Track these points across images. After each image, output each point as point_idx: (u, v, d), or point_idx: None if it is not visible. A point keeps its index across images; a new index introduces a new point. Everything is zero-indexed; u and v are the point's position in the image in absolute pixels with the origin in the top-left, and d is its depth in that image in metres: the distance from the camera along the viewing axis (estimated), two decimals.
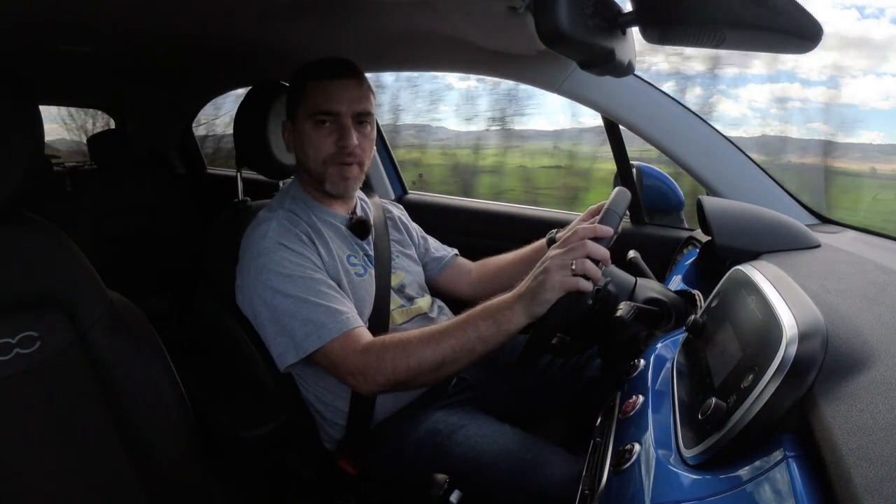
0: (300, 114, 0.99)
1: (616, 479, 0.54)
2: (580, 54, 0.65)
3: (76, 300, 0.79)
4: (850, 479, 0.34)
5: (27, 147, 0.72)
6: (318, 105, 0.97)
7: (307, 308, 0.88)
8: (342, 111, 0.97)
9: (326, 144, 0.98)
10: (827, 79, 2.54)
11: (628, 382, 0.70)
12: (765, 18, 0.57)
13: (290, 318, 0.88)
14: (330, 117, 0.98)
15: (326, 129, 0.98)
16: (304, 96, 0.98)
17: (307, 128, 0.98)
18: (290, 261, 0.92)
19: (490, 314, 0.80)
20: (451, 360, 0.81)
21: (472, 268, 1.28)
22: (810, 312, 0.49)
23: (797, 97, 2.66)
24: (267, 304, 0.90)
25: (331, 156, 0.99)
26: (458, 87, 4.76)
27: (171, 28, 1.19)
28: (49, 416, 0.75)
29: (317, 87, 0.98)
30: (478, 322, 0.81)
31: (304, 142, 0.99)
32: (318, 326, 0.87)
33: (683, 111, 1.18)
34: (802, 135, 2.73)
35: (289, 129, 1.04)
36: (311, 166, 1.01)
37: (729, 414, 0.46)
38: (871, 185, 2.53)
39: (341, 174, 1.00)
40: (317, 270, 0.93)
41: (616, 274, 0.89)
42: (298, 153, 1.03)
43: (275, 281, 0.90)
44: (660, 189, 1.38)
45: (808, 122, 2.78)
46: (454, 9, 0.90)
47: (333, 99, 0.97)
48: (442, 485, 0.82)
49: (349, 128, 0.98)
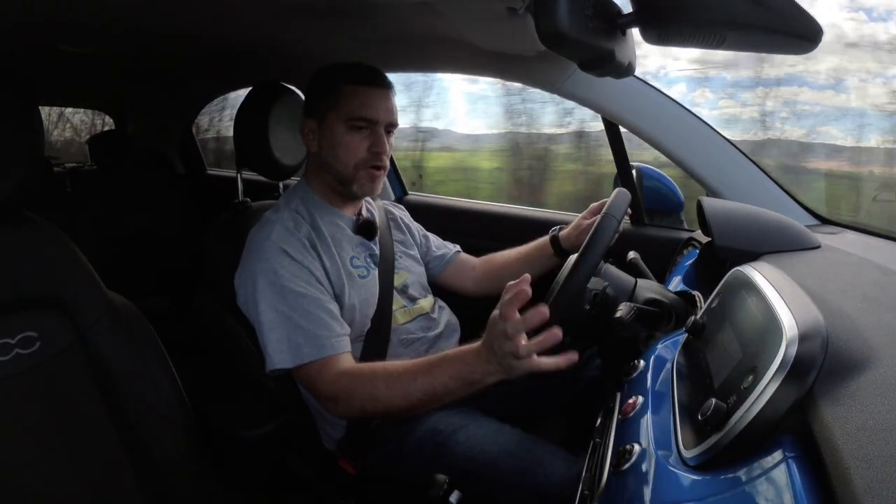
0: (332, 115, 1.00)
1: (616, 479, 0.54)
2: (580, 55, 0.65)
3: (76, 300, 0.79)
4: (849, 480, 0.34)
5: (27, 147, 0.72)
6: (357, 111, 0.98)
7: (289, 326, 0.89)
8: (379, 119, 1.00)
9: (360, 149, 1.00)
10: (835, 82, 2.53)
11: (628, 383, 0.70)
12: (765, 19, 0.57)
13: (271, 331, 0.90)
14: (367, 123, 0.99)
15: (362, 135, 1.00)
16: (340, 98, 0.99)
17: (341, 130, 0.99)
18: (287, 271, 0.92)
19: (462, 376, 0.78)
20: (419, 406, 0.83)
21: (477, 264, 1.29)
22: (810, 313, 0.49)
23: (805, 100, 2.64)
24: (258, 310, 0.91)
25: (363, 160, 1.00)
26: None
27: (171, 28, 1.20)
28: (49, 417, 0.75)
29: (355, 93, 0.99)
30: (447, 381, 0.79)
31: (337, 144, 1.00)
32: (294, 347, 0.88)
33: (683, 112, 1.18)
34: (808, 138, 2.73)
35: (311, 127, 1.03)
36: (340, 168, 1.01)
37: (729, 415, 0.46)
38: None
39: (371, 178, 1.02)
40: (312, 284, 0.93)
41: (616, 275, 0.90)
42: (326, 153, 1.03)
43: (268, 291, 0.91)
44: (660, 190, 1.38)
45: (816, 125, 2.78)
46: (454, 10, 0.90)
47: (372, 108, 0.99)
48: (442, 485, 0.82)
49: (383, 136, 1.01)
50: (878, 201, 1.50)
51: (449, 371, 0.79)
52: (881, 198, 1.50)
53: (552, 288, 0.89)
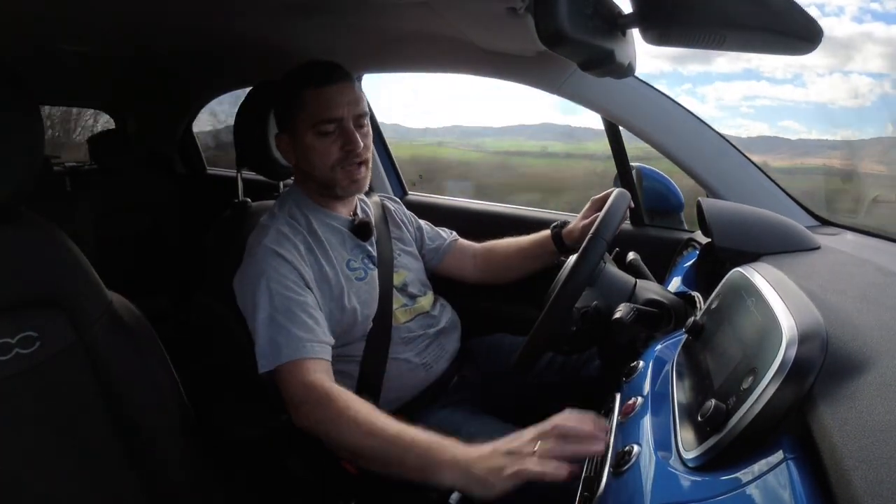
0: (300, 125, 0.98)
1: (615, 480, 0.54)
2: (580, 55, 0.65)
3: (76, 300, 0.78)
4: (849, 481, 0.34)
5: (27, 147, 0.72)
6: (321, 114, 0.97)
7: (273, 327, 0.89)
8: (344, 116, 0.98)
9: (332, 151, 0.98)
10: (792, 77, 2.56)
11: (628, 384, 0.70)
12: (764, 20, 0.57)
13: (260, 334, 0.90)
14: (333, 125, 0.98)
15: (331, 137, 0.98)
16: (303, 107, 0.97)
17: (310, 138, 0.98)
18: (276, 272, 0.92)
19: (425, 463, 0.72)
20: (368, 458, 0.79)
21: (478, 251, 1.28)
22: (810, 314, 0.49)
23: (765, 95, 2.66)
24: (252, 314, 0.92)
25: (338, 160, 0.99)
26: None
27: (171, 28, 1.20)
28: (48, 417, 0.75)
29: (315, 96, 0.97)
30: (407, 458, 0.74)
31: (309, 153, 0.99)
32: (275, 348, 0.88)
33: (683, 112, 1.18)
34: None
35: (285, 141, 1.03)
36: (319, 174, 1.01)
37: (728, 416, 0.46)
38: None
39: (350, 177, 1.01)
40: (300, 288, 0.93)
41: (615, 276, 0.89)
42: (302, 164, 1.02)
43: (257, 294, 0.91)
44: (659, 191, 1.38)
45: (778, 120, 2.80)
46: (454, 10, 0.90)
47: (334, 106, 0.97)
48: None
49: (353, 132, 0.98)
50: (879, 202, 1.50)
51: (418, 452, 0.73)
52: (881, 198, 1.50)
53: (550, 292, 0.89)
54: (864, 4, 3.47)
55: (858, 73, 3.18)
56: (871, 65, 2.92)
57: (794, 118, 2.86)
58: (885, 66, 2.77)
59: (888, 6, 3.17)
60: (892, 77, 2.39)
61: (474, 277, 1.27)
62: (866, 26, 3.26)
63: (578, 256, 0.82)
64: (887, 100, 2.58)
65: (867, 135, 2.40)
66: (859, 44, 3.21)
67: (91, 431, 0.78)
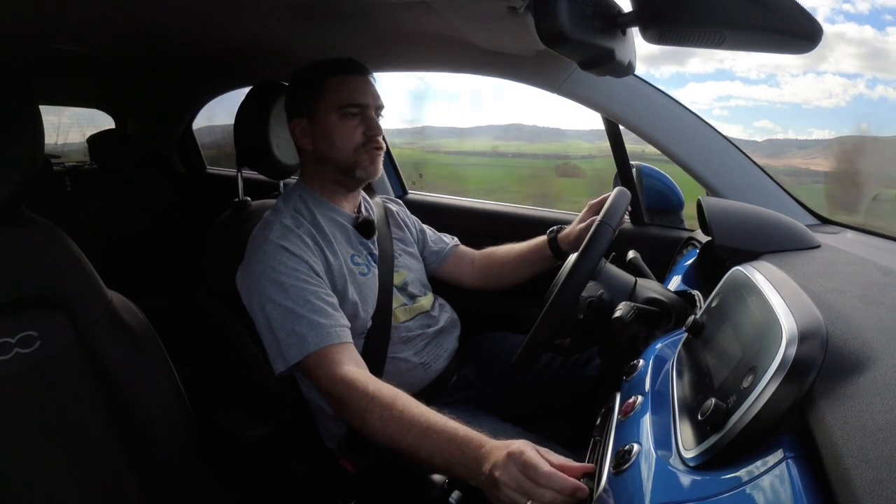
0: (322, 109, 1.02)
1: (616, 479, 0.54)
2: (580, 54, 0.65)
3: (76, 300, 0.78)
4: (849, 480, 0.34)
5: (27, 147, 0.72)
6: (347, 98, 1.01)
7: (293, 319, 0.89)
8: (369, 104, 1.02)
9: (356, 134, 1.02)
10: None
11: (628, 383, 0.70)
12: (764, 19, 0.57)
13: (278, 328, 0.90)
14: (358, 109, 1.02)
15: (355, 121, 1.02)
16: (326, 91, 1.01)
17: (333, 120, 1.01)
18: (286, 266, 0.93)
19: (451, 460, 0.71)
20: (396, 450, 0.77)
21: (476, 258, 1.29)
22: (810, 313, 0.49)
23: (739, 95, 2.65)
24: (262, 311, 0.92)
25: (361, 144, 1.03)
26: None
27: (171, 28, 1.20)
28: (48, 416, 0.75)
29: (341, 83, 1.01)
30: (434, 453, 0.73)
31: (332, 133, 1.02)
32: (300, 339, 0.88)
33: (683, 111, 1.18)
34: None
35: (303, 125, 1.04)
36: (339, 156, 1.03)
37: (728, 414, 0.46)
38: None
39: (372, 159, 1.04)
40: (312, 277, 0.94)
41: (615, 274, 0.89)
42: (322, 146, 1.04)
43: (269, 289, 0.91)
44: (660, 189, 1.38)
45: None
46: (454, 10, 0.90)
47: (360, 93, 1.02)
48: (442, 485, 0.82)
49: (375, 119, 1.03)
50: (879, 201, 1.50)
51: (443, 447, 0.72)
52: (881, 197, 1.49)
53: (550, 290, 0.89)
54: (837, 5, 3.46)
55: (832, 74, 3.15)
56: (845, 65, 2.90)
57: (769, 118, 2.84)
58: (858, 66, 2.74)
59: (860, 7, 3.17)
60: (865, 77, 2.37)
61: (472, 283, 1.28)
62: (839, 27, 3.25)
63: (586, 243, 0.81)
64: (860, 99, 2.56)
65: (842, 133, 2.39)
66: (832, 44, 3.19)
67: (91, 431, 0.78)
